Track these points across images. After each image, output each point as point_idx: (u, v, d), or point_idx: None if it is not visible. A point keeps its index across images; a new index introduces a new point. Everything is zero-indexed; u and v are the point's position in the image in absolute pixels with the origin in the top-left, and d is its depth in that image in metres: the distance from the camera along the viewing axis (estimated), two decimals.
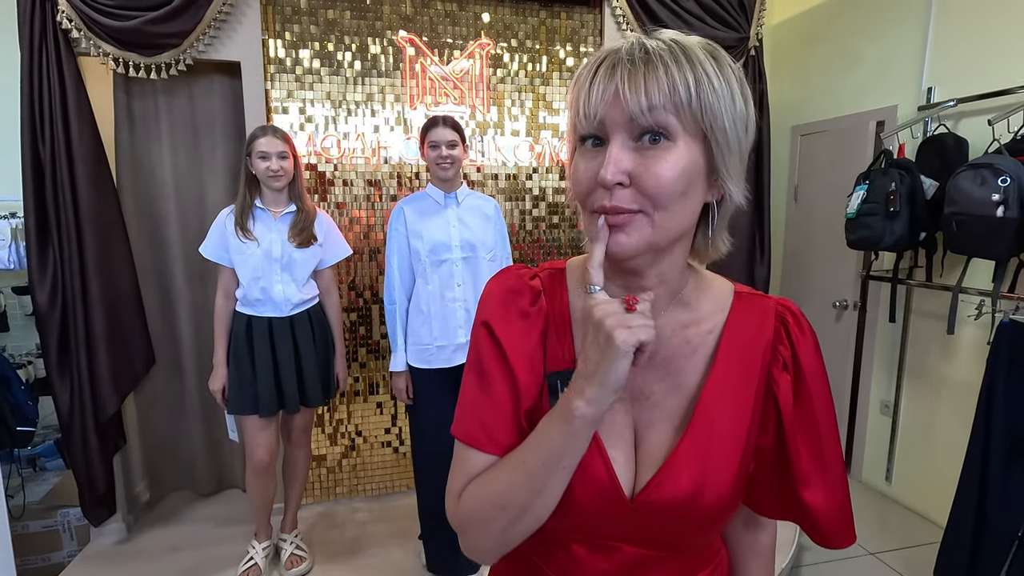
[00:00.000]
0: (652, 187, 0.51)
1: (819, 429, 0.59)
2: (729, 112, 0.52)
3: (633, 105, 0.50)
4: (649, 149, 0.51)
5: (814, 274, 3.23)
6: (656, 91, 0.50)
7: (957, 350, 2.48)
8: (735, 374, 0.59)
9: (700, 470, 0.57)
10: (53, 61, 1.99)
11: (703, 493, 0.57)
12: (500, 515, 0.56)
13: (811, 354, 0.60)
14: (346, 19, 2.39)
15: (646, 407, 0.60)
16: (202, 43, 2.16)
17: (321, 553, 2.25)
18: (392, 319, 1.95)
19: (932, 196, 2.33)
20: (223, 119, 2.46)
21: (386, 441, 2.67)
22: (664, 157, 0.51)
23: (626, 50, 0.52)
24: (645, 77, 0.50)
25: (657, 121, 0.50)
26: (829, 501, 0.59)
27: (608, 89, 0.51)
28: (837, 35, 3.03)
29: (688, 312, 0.62)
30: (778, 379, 0.59)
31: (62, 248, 2.07)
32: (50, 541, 2.36)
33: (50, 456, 2.68)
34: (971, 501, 1.95)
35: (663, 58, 0.51)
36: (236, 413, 1.99)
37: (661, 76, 0.50)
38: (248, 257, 1.92)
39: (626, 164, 0.51)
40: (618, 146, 0.51)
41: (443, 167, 1.86)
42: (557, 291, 0.64)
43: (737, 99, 0.53)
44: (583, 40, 2.65)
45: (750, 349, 0.60)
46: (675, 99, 0.50)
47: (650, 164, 0.51)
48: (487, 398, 0.60)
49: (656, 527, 0.59)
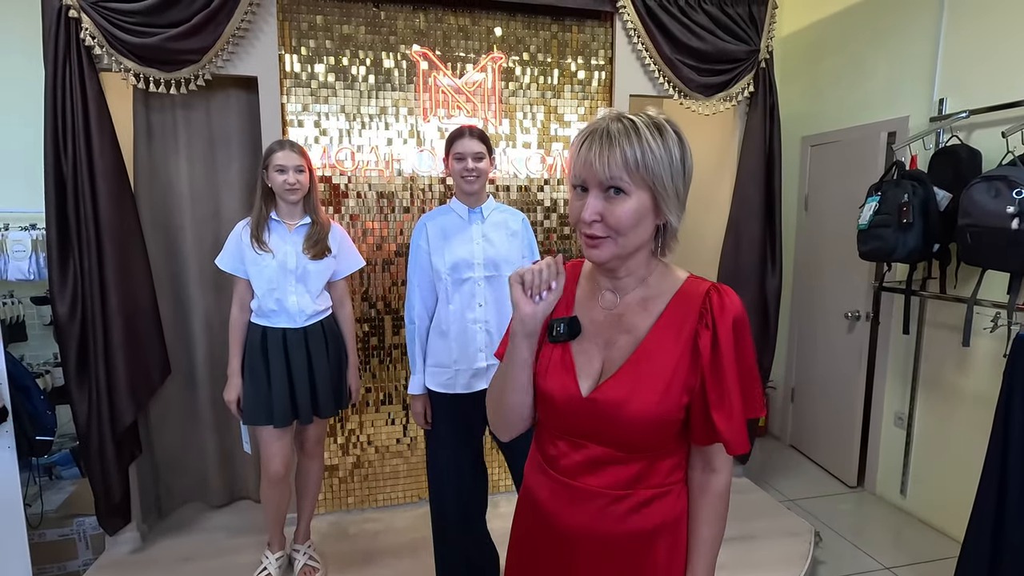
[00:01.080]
0: (614, 223, 0.80)
1: (724, 371, 0.83)
2: (667, 170, 0.80)
3: (600, 172, 0.79)
4: (613, 198, 0.80)
5: (825, 285, 3.22)
6: (615, 163, 0.78)
7: (972, 362, 2.46)
8: (671, 328, 0.86)
9: (631, 383, 0.84)
10: (76, 77, 2.03)
11: (632, 399, 0.84)
12: (493, 398, 0.98)
13: (727, 323, 0.84)
14: (361, 34, 2.43)
15: (612, 350, 0.88)
16: (220, 59, 2.20)
17: (333, 564, 2.25)
18: (412, 339, 1.86)
19: (945, 208, 2.33)
20: (239, 132, 2.49)
21: (397, 452, 2.68)
22: (622, 204, 0.80)
23: (599, 131, 0.80)
24: (608, 154, 0.78)
25: (615, 181, 0.79)
26: (727, 421, 0.83)
27: (587, 159, 0.80)
28: (847, 46, 3.04)
29: (648, 291, 0.90)
30: (701, 333, 0.85)
31: (82, 260, 2.10)
32: (66, 550, 2.38)
33: (66, 465, 2.71)
34: (989, 515, 1.93)
35: (619, 138, 0.78)
36: (251, 423, 2.00)
37: (616, 152, 0.78)
38: (263, 269, 1.94)
39: (598, 208, 0.81)
40: (593, 197, 0.81)
41: (468, 180, 1.76)
42: (574, 273, 0.98)
43: (675, 158, 0.81)
44: (594, 53, 2.68)
45: (686, 313, 0.86)
46: (627, 167, 0.78)
47: (613, 208, 0.80)
48: None
49: (605, 425, 0.86)
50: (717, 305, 0.85)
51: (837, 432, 3.12)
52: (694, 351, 0.84)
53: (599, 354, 0.89)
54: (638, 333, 0.87)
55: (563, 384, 0.88)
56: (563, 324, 0.90)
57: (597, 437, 0.87)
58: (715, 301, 0.85)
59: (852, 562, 2.44)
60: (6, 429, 1.96)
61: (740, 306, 0.86)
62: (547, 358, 0.91)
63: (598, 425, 0.86)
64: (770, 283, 2.82)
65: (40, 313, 2.70)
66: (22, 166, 2.48)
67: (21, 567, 2.00)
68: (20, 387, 2.09)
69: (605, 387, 0.86)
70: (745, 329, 0.86)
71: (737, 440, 0.84)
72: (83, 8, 2.00)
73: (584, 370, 0.89)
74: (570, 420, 0.89)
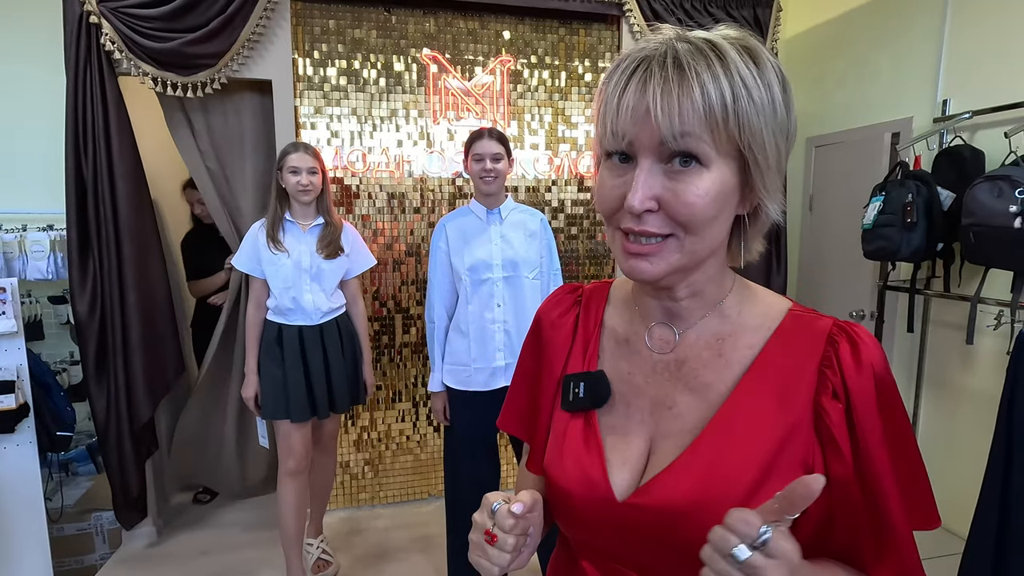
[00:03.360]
0: (683, 215, 0.49)
1: (874, 475, 0.49)
2: (769, 125, 0.50)
3: (665, 129, 0.47)
4: (680, 172, 0.49)
5: (830, 284, 3.25)
6: (691, 114, 0.46)
7: (976, 360, 2.49)
8: (769, 392, 0.53)
9: (702, 479, 0.51)
10: (96, 81, 2.08)
11: (703, 505, 0.50)
12: None
13: (867, 381, 0.51)
14: (372, 38, 2.48)
15: (666, 417, 0.57)
16: (236, 62, 2.25)
17: (346, 558, 2.29)
18: (431, 338, 1.91)
19: (949, 207, 2.35)
20: (253, 134, 2.54)
21: (408, 448, 2.72)
22: (695, 183, 0.49)
23: (659, 58, 0.48)
24: (679, 97, 0.46)
25: (688, 142, 0.47)
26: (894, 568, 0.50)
27: (639, 107, 0.48)
28: (852, 48, 3.07)
29: (726, 324, 0.57)
30: (827, 408, 0.51)
31: (101, 260, 2.15)
32: (83, 544, 2.42)
33: (82, 461, 2.76)
34: (993, 512, 1.95)
35: (697, 70, 0.47)
36: (269, 418, 2.05)
37: (696, 95, 0.46)
38: (279, 268, 1.98)
39: (655, 190, 0.49)
40: (647, 171, 0.49)
41: (487, 181, 1.78)
42: (595, 303, 0.66)
43: (778, 107, 0.51)
44: (601, 56, 2.71)
45: (794, 370, 0.53)
46: (710, 122, 0.47)
47: (681, 190, 0.49)
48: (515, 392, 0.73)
49: (655, 542, 0.54)
50: (851, 360, 0.52)
51: None
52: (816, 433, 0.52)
53: (643, 428, 0.58)
54: (712, 395, 0.55)
55: (585, 476, 0.57)
56: (582, 383, 0.60)
57: (640, 561, 0.56)
58: (845, 353, 0.52)
59: None
60: (28, 425, 2.01)
61: (882, 356, 0.53)
62: (561, 432, 0.61)
63: (643, 545, 0.55)
64: (775, 282, 2.85)
65: (57, 312, 2.74)
66: (40, 168, 2.52)
67: (41, 560, 2.05)
68: (41, 384, 2.14)
69: (656, 484, 0.53)
70: (893, 392, 0.53)
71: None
72: (103, 14, 2.05)
73: (619, 454, 0.57)
74: (597, 534, 0.58)
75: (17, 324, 1.96)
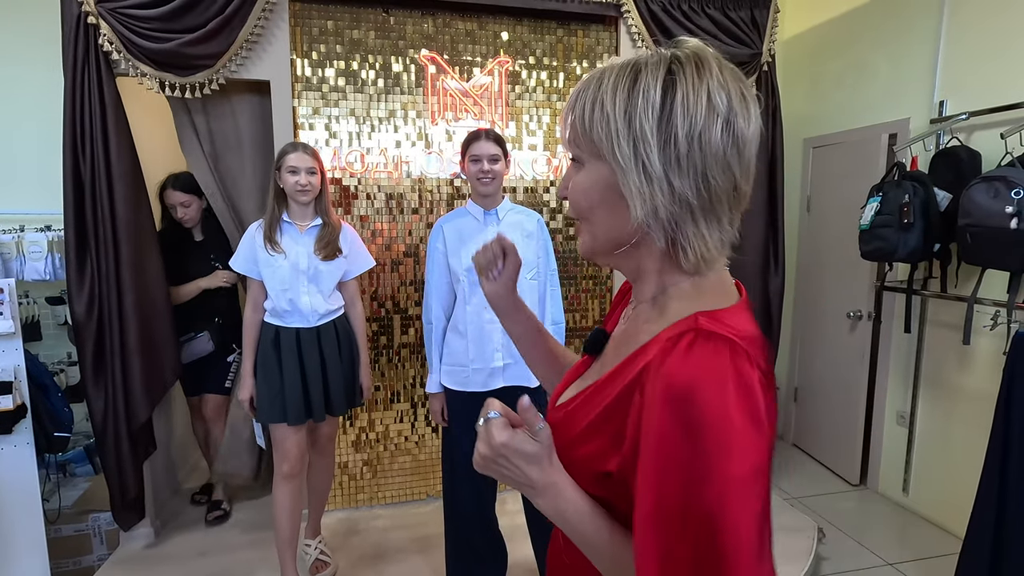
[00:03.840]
0: (573, 202, 0.63)
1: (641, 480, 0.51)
2: (622, 134, 0.55)
3: (562, 136, 0.64)
4: (573, 168, 0.63)
5: (827, 285, 3.26)
6: (569, 125, 0.61)
7: (973, 360, 2.50)
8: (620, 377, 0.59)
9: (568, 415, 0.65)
10: (94, 82, 2.08)
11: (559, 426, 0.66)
12: None
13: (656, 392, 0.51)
14: (370, 39, 2.48)
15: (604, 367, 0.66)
16: (234, 63, 2.25)
17: (344, 559, 2.29)
18: (429, 339, 1.91)
19: (946, 208, 2.36)
20: (251, 135, 2.54)
21: (406, 449, 2.72)
22: (575, 178, 0.62)
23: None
24: (567, 113, 0.61)
25: (571, 151, 0.62)
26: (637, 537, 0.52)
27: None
28: (849, 49, 3.08)
29: (655, 313, 0.61)
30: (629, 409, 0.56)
31: (99, 261, 2.15)
32: (81, 545, 2.42)
33: (80, 462, 2.75)
34: (990, 511, 1.96)
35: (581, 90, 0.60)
36: (264, 421, 2.04)
37: (574, 111, 0.60)
38: (276, 270, 1.98)
39: (566, 183, 0.64)
40: (567, 170, 0.64)
41: (484, 182, 1.79)
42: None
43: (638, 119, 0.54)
44: (599, 57, 2.72)
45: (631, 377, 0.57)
46: (575, 132, 0.60)
47: (567, 183, 0.64)
48: None
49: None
50: (653, 367, 0.53)
51: (840, 431, 3.15)
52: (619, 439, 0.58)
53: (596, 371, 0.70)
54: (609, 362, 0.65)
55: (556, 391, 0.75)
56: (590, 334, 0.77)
57: None
58: (654, 361, 0.53)
59: (855, 558, 2.47)
60: (25, 426, 2.00)
61: (686, 377, 0.49)
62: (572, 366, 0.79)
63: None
64: (773, 283, 2.85)
65: (55, 313, 2.74)
66: (38, 169, 2.52)
67: (39, 561, 2.05)
68: (39, 385, 2.14)
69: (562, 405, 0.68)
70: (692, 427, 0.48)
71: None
72: (101, 15, 2.05)
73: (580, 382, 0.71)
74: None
75: (15, 325, 1.96)
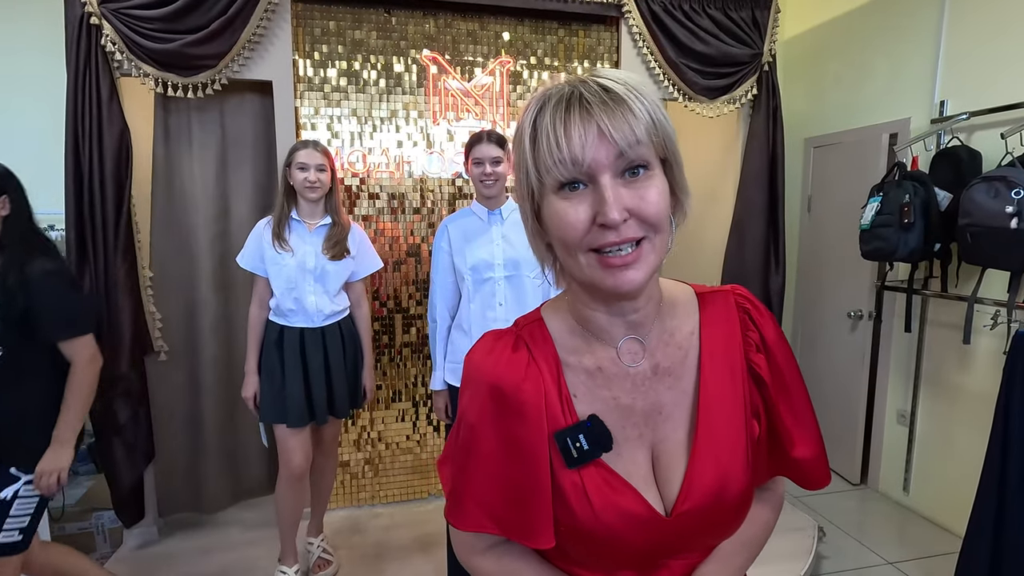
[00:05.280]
0: (652, 215, 0.55)
1: (791, 393, 0.66)
2: (673, 134, 0.57)
3: (621, 142, 0.52)
4: (635, 180, 0.55)
5: (828, 285, 3.26)
6: (636, 127, 0.53)
7: (973, 360, 2.50)
8: (721, 366, 0.64)
9: (717, 464, 0.61)
10: (97, 82, 2.09)
11: (727, 486, 0.60)
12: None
13: (773, 330, 0.67)
14: (372, 39, 2.49)
15: (659, 422, 0.62)
16: (237, 63, 2.26)
17: (346, 557, 2.30)
18: (433, 338, 1.94)
19: (946, 208, 2.37)
20: (253, 135, 2.54)
21: (407, 448, 2.73)
22: (652, 186, 0.55)
23: (580, 93, 0.54)
24: (624, 115, 0.53)
25: (641, 155, 0.54)
26: (811, 451, 0.67)
27: (589, 132, 0.53)
28: (849, 49, 3.09)
29: (670, 319, 0.65)
30: (756, 361, 0.65)
31: (97, 262, 2.15)
32: (85, 542, 2.42)
33: (82, 461, 2.76)
34: (989, 511, 1.97)
35: (623, 95, 0.54)
36: (267, 421, 2.04)
37: (636, 111, 0.53)
38: (283, 268, 1.98)
39: (625, 201, 0.54)
40: (611, 186, 0.54)
41: (487, 184, 1.81)
42: (540, 346, 0.64)
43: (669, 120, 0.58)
44: (600, 57, 2.72)
45: (727, 340, 0.65)
46: (649, 132, 0.54)
47: (643, 194, 0.54)
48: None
49: (696, 534, 0.62)
50: (759, 319, 0.67)
51: (840, 430, 3.15)
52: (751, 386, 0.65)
53: (643, 441, 0.62)
54: (684, 384, 0.63)
55: (625, 513, 0.59)
56: (582, 437, 0.60)
57: (680, 550, 0.64)
58: (755, 315, 0.67)
59: (855, 557, 2.47)
60: None
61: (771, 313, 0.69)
62: (576, 486, 0.60)
63: (685, 540, 0.63)
64: (773, 283, 2.86)
65: None
66: (40, 169, 2.52)
67: None
68: None
69: (689, 491, 0.60)
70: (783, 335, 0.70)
71: (821, 472, 0.68)
72: (104, 15, 2.06)
73: (637, 478, 0.61)
74: (642, 550, 0.62)
75: None
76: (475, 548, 0.69)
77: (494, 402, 0.62)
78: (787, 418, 0.65)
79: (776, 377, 0.65)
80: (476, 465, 0.64)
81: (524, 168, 0.58)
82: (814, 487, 0.68)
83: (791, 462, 0.67)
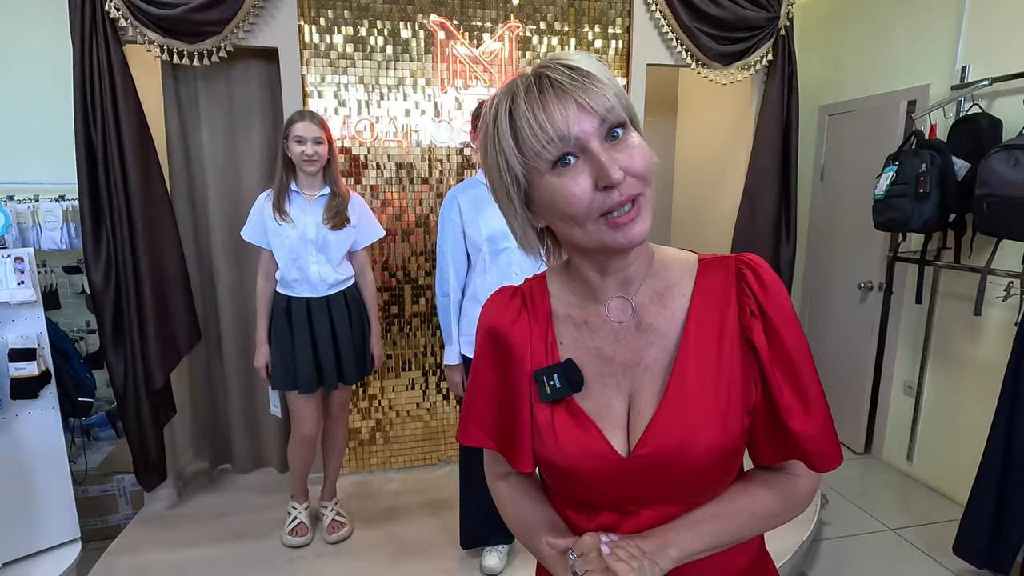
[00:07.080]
0: (641, 168, 0.59)
1: (794, 363, 0.64)
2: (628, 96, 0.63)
3: (600, 109, 0.58)
4: (618, 141, 0.60)
5: (839, 255, 3.24)
6: (607, 91, 0.58)
7: (984, 331, 2.49)
8: (710, 329, 0.66)
9: (683, 415, 0.63)
10: (102, 49, 2.07)
11: (693, 437, 0.63)
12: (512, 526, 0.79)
13: (774, 297, 0.65)
14: (378, 4, 2.43)
15: (638, 373, 0.67)
16: (241, 30, 2.22)
17: (358, 521, 2.37)
18: (446, 311, 1.91)
19: (963, 177, 2.32)
20: (260, 103, 2.52)
21: (417, 416, 2.78)
22: (632, 143, 0.60)
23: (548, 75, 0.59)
24: (593, 86, 0.58)
25: (617, 117, 0.59)
26: (814, 427, 0.64)
27: (567, 108, 0.57)
28: (868, 12, 2.99)
29: (661, 280, 0.69)
30: (750, 325, 0.65)
31: (114, 230, 2.17)
32: (108, 504, 2.52)
33: (102, 426, 2.84)
34: (993, 480, 1.99)
35: (587, 69, 0.59)
36: (279, 388, 2.09)
37: (602, 80, 0.59)
38: (284, 239, 2.00)
39: (618, 160, 0.58)
40: (602, 151, 0.58)
41: None
42: (539, 298, 0.73)
43: None
44: (611, 21, 2.66)
45: (721, 304, 0.66)
46: (617, 95, 0.59)
47: (629, 152, 0.59)
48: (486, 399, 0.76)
49: (658, 482, 0.65)
50: (757, 285, 0.66)
51: (846, 399, 3.17)
52: (745, 353, 0.65)
53: (620, 390, 0.67)
54: (667, 342, 0.67)
55: (587, 450, 0.65)
56: (556, 376, 0.67)
57: (647, 500, 0.67)
58: (752, 280, 0.66)
59: (857, 523, 2.52)
60: (50, 391, 2.06)
61: (777, 277, 0.67)
62: (547, 421, 0.67)
63: (649, 486, 0.66)
64: (784, 253, 2.84)
65: (72, 282, 2.78)
66: (50, 138, 2.53)
67: (69, 518, 2.13)
68: (61, 351, 2.19)
69: (652, 435, 0.64)
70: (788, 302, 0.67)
71: (827, 451, 0.65)
72: None
73: (607, 420, 0.67)
74: (607, 490, 0.67)
75: (36, 293, 2.00)
76: (493, 472, 0.81)
77: (491, 342, 0.74)
78: (784, 386, 0.64)
79: (774, 344, 0.64)
80: (477, 393, 0.75)
81: (505, 159, 0.61)
82: (821, 468, 0.65)
83: (792, 436, 0.64)
